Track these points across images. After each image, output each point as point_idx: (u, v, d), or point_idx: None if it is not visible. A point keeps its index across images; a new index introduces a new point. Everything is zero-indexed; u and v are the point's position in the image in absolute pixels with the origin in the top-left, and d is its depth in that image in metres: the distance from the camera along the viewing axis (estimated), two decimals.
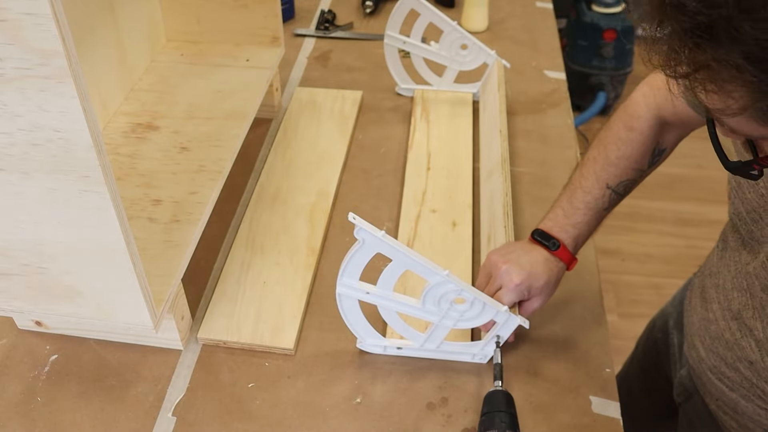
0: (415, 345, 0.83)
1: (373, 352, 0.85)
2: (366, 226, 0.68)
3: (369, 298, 0.76)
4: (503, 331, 0.80)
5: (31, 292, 0.77)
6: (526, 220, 1.05)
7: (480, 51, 1.23)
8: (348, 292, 0.76)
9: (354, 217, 0.68)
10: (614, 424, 0.79)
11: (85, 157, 0.61)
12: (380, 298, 0.76)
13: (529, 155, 1.17)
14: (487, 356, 0.84)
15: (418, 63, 1.27)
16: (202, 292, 0.94)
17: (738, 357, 0.77)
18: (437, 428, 0.78)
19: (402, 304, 0.77)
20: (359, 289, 0.76)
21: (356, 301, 0.78)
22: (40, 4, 0.52)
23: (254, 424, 0.79)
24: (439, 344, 0.83)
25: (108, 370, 0.84)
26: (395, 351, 0.85)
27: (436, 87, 1.29)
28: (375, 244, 0.70)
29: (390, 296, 0.76)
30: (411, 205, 1.06)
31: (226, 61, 1.16)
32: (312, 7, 1.62)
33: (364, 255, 0.72)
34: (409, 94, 1.31)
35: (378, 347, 0.85)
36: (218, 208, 0.94)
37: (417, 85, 1.31)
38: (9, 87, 0.57)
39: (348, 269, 0.74)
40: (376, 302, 0.77)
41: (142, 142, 0.99)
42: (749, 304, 0.75)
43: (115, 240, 0.68)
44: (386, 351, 0.85)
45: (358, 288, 0.76)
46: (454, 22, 1.19)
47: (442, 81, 1.28)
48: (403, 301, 0.77)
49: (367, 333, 0.82)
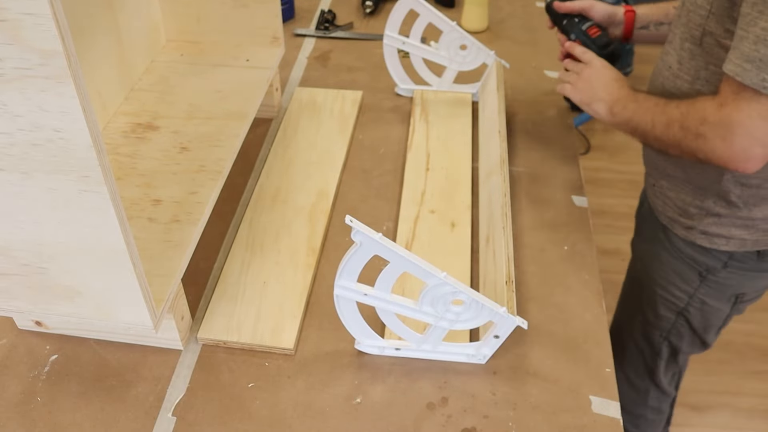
0: (413, 346, 0.83)
1: (374, 354, 0.85)
2: (363, 229, 0.68)
3: (367, 299, 0.77)
4: (501, 331, 0.80)
5: (31, 292, 0.77)
6: (526, 220, 1.05)
7: (479, 51, 1.23)
8: (346, 293, 0.76)
9: (351, 220, 0.68)
10: (614, 424, 0.79)
11: (85, 157, 0.61)
12: (378, 299, 0.77)
13: (529, 155, 1.17)
14: (486, 357, 0.84)
15: (417, 63, 1.27)
16: (202, 292, 0.94)
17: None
18: (437, 428, 0.78)
19: (400, 306, 0.77)
20: (357, 291, 0.76)
21: (354, 303, 0.78)
22: (40, 4, 0.52)
23: (254, 424, 0.79)
24: (436, 345, 0.83)
25: (108, 370, 0.84)
26: (393, 352, 0.85)
27: (435, 87, 1.29)
28: (372, 246, 0.70)
29: (388, 298, 0.76)
30: (410, 205, 1.06)
31: (226, 61, 1.16)
32: (312, 7, 1.62)
33: (362, 257, 0.72)
34: (408, 95, 1.31)
35: (375, 348, 0.85)
36: (218, 208, 0.94)
37: (416, 86, 1.31)
38: (9, 87, 0.57)
39: (345, 271, 0.74)
40: (374, 304, 0.77)
41: (142, 142, 0.99)
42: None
43: (115, 240, 0.68)
44: (384, 352, 0.85)
45: (355, 289, 0.76)
46: (453, 22, 1.19)
47: (442, 81, 1.28)
48: (401, 303, 0.77)
49: (365, 334, 0.82)
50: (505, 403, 0.81)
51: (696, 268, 1.06)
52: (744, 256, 1.02)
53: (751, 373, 1.83)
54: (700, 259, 1.05)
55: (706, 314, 1.11)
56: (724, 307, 1.10)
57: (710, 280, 1.06)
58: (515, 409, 0.80)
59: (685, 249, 1.06)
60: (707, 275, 1.05)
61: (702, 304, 1.10)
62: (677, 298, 1.12)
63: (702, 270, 1.05)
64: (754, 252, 1.01)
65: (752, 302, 1.11)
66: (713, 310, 1.10)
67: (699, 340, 1.16)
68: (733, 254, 1.02)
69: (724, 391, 1.79)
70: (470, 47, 1.22)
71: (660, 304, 1.14)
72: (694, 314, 1.11)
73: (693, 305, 1.10)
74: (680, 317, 1.13)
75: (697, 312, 1.11)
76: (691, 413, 1.74)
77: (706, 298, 1.09)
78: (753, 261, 1.02)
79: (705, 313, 1.11)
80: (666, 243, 1.09)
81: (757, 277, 1.05)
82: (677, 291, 1.11)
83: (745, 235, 0.99)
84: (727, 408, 1.75)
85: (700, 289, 1.08)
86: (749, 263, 1.02)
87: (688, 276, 1.07)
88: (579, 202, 1.08)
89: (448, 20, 1.19)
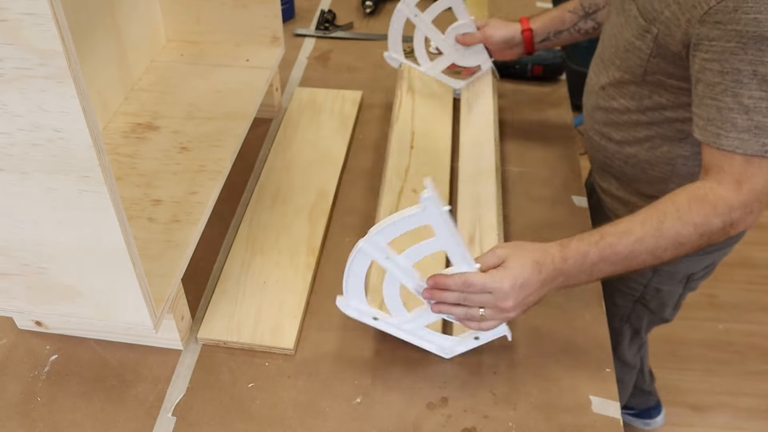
0: (394, 321, 0.82)
1: (349, 315, 0.82)
2: (436, 196, 0.67)
3: (387, 262, 0.74)
4: (484, 336, 0.81)
5: (31, 292, 0.77)
6: (526, 220, 1.05)
7: (481, 53, 1.23)
8: (371, 250, 0.73)
9: (429, 183, 0.66)
10: (614, 424, 0.79)
11: (85, 157, 0.61)
12: (398, 267, 0.74)
13: (529, 155, 1.17)
14: (454, 353, 0.84)
15: (418, 40, 1.25)
16: (202, 292, 0.94)
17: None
18: (437, 428, 0.78)
19: (412, 280, 0.76)
20: (383, 251, 0.73)
21: (369, 261, 0.75)
22: (40, 4, 0.52)
23: (254, 424, 0.79)
24: (417, 328, 0.82)
25: (108, 370, 0.84)
26: (370, 321, 0.82)
27: (423, 70, 1.28)
28: (433, 215, 0.68)
29: (408, 269, 0.75)
30: (394, 180, 1.05)
31: (226, 61, 1.16)
32: (312, 7, 1.62)
33: (415, 222, 0.70)
34: (395, 65, 1.29)
35: (356, 312, 0.82)
36: (218, 208, 0.94)
37: (405, 60, 1.29)
38: (9, 87, 0.57)
39: (387, 230, 0.71)
40: (391, 269, 0.75)
41: (142, 142, 0.99)
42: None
43: (115, 240, 0.68)
44: (362, 318, 0.82)
45: (383, 249, 0.73)
46: (472, 17, 1.19)
47: (433, 67, 1.27)
48: (415, 277, 0.75)
49: (356, 296, 0.80)
50: (505, 403, 0.81)
51: None
52: None
53: (751, 373, 1.83)
54: None
55: (662, 298, 1.16)
56: (677, 289, 1.15)
57: (661, 270, 1.11)
58: (515, 409, 0.80)
59: None
60: (659, 267, 1.09)
61: (657, 291, 1.15)
62: (633, 289, 1.16)
63: None
64: None
65: (704, 279, 1.16)
66: (668, 293, 1.15)
67: (658, 318, 1.22)
68: None
69: (724, 391, 1.79)
70: (476, 46, 1.22)
71: (617, 295, 1.19)
72: (650, 300, 1.17)
73: (648, 293, 1.15)
74: (637, 304, 1.19)
75: (652, 298, 1.16)
76: (691, 413, 1.74)
77: (660, 285, 1.14)
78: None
79: (660, 298, 1.16)
80: None
81: (701, 259, 1.09)
82: (632, 283, 1.15)
83: None
84: (727, 408, 1.75)
85: (654, 278, 1.12)
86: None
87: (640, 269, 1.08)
88: (579, 202, 1.08)
89: (467, 13, 1.19)
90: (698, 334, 1.93)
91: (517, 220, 1.04)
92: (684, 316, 1.98)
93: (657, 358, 1.86)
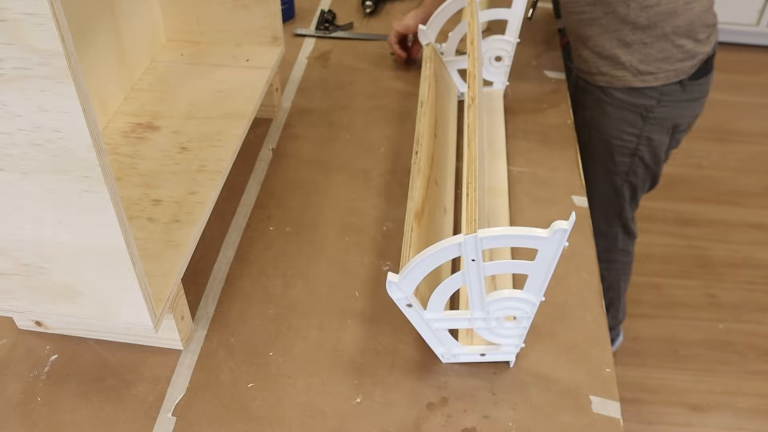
0: (426, 315, 0.78)
1: (391, 295, 0.76)
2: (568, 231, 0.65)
3: (472, 264, 0.71)
4: (492, 356, 0.82)
5: (31, 292, 0.77)
6: (526, 220, 1.05)
7: (503, 75, 1.25)
8: (469, 248, 0.69)
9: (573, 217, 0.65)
10: (614, 424, 0.79)
11: (85, 157, 0.61)
12: (478, 272, 0.71)
13: (529, 155, 1.17)
14: (456, 360, 0.84)
15: (454, 38, 1.24)
16: (202, 292, 0.94)
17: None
18: (437, 428, 0.78)
19: (480, 289, 0.73)
20: (478, 253, 0.69)
21: (452, 257, 0.71)
22: (40, 4, 0.52)
23: (254, 424, 0.79)
24: (441, 330, 0.80)
25: (108, 370, 0.84)
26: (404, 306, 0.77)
27: (445, 58, 1.27)
28: (552, 245, 0.67)
29: (483, 277, 0.72)
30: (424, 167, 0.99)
31: (226, 61, 1.16)
32: (312, 7, 1.62)
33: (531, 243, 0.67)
34: (424, 41, 1.25)
35: (401, 293, 0.76)
36: (218, 208, 0.94)
37: (435, 42, 1.26)
38: (9, 87, 0.57)
39: (502, 238, 0.68)
40: (471, 272, 0.71)
41: (142, 142, 0.99)
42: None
43: (115, 240, 0.68)
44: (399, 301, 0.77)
45: (478, 252, 0.69)
46: (515, 39, 1.20)
47: (452, 62, 1.27)
48: (483, 287, 0.73)
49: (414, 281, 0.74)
50: (505, 403, 0.81)
51: (637, 110, 1.28)
52: (671, 90, 1.25)
53: (751, 373, 1.83)
54: (639, 102, 1.27)
55: (654, 149, 1.33)
56: (665, 139, 1.33)
57: (651, 118, 1.28)
58: (515, 409, 0.80)
59: (625, 98, 1.27)
60: (647, 114, 1.28)
61: (649, 141, 1.32)
62: (628, 141, 1.32)
63: (642, 111, 1.28)
64: (677, 84, 1.24)
65: (685, 132, 1.35)
66: (658, 144, 1.33)
67: (651, 174, 1.39)
68: (662, 90, 1.24)
69: (724, 391, 1.79)
70: (501, 66, 1.24)
71: (616, 152, 1.35)
72: (644, 151, 1.33)
73: (642, 143, 1.32)
74: (634, 157, 1.35)
75: (646, 149, 1.33)
76: (691, 413, 1.74)
77: (651, 135, 1.31)
78: (678, 92, 1.25)
79: (652, 148, 1.33)
80: (608, 99, 1.29)
81: (685, 107, 1.29)
82: (626, 135, 1.32)
83: (667, 67, 1.22)
84: (727, 408, 1.75)
85: (645, 127, 1.30)
86: (675, 95, 1.26)
87: (633, 119, 1.29)
88: (579, 202, 1.08)
89: (512, 39, 1.20)
90: (698, 334, 1.93)
91: (518, 220, 1.04)
92: (684, 316, 1.99)
93: (657, 358, 1.86)
